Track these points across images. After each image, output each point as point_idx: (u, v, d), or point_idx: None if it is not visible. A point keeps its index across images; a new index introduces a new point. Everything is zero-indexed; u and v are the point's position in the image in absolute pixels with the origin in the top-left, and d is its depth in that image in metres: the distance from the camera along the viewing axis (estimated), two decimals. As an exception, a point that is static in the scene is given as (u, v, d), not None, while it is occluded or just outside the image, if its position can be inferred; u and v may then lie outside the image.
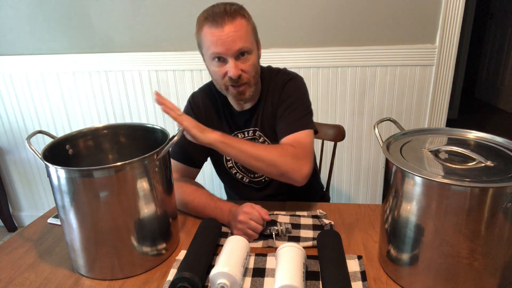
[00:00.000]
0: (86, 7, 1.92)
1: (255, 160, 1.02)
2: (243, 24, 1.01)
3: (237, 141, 1.04)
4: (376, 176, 2.05)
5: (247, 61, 1.04)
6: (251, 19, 1.06)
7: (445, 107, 1.86)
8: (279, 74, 1.18)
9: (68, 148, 0.96)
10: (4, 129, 2.25)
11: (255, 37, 1.08)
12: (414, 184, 0.73)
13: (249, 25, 1.04)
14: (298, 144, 1.06)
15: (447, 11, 1.70)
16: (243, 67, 1.04)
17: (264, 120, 1.16)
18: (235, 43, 1.00)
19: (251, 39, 1.04)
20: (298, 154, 1.04)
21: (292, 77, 1.16)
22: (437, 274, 0.75)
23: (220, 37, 0.99)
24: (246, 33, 1.02)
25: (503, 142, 0.83)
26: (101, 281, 0.87)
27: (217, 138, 1.00)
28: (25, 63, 2.06)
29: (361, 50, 1.81)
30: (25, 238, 1.05)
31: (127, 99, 2.07)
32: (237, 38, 1.00)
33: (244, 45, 1.01)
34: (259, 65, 1.12)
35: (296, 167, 1.02)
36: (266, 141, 1.18)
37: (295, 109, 1.11)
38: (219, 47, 1.00)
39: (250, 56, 1.05)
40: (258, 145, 1.08)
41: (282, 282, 0.75)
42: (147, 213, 0.86)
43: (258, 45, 1.10)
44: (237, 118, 1.19)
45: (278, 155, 1.02)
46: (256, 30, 1.09)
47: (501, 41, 3.94)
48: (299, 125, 1.09)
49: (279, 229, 0.97)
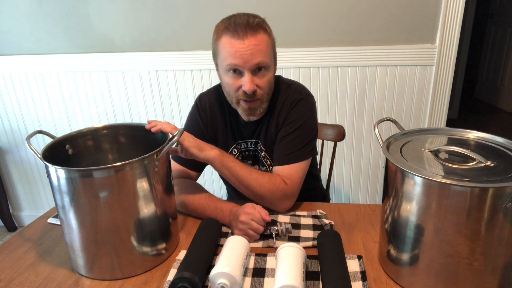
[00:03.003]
0: (86, 7, 1.92)
1: (245, 188, 1.05)
2: (264, 38, 0.99)
3: (233, 163, 1.03)
4: (376, 176, 2.05)
5: (263, 76, 1.02)
6: (272, 34, 1.04)
7: (445, 107, 1.86)
8: (289, 90, 1.14)
9: (68, 148, 0.96)
10: (4, 129, 2.25)
11: (273, 53, 1.06)
12: (414, 184, 0.73)
13: (270, 40, 1.02)
14: (291, 181, 1.06)
15: (447, 11, 1.70)
16: (259, 83, 1.02)
17: (267, 135, 1.15)
18: (254, 56, 0.98)
19: (270, 55, 1.03)
20: (287, 193, 1.06)
21: (302, 98, 1.12)
22: (437, 274, 0.74)
23: (239, 49, 0.97)
24: (266, 48, 1.00)
25: (503, 142, 0.83)
26: (101, 281, 0.87)
27: (214, 157, 1.01)
28: (25, 63, 2.06)
29: (361, 50, 1.81)
30: (25, 238, 1.05)
31: (127, 99, 2.07)
32: (256, 52, 0.98)
33: (263, 60, 1.00)
34: (273, 81, 1.09)
35: (280, 205, 1.07)
36: (266, 156, 1.17)
37: (297, 136, 1.09)
38: (237, 59, 0.98)
39: (267, 72, 1.03)
40: (252, 173, 1.05)
41: (282, 282, 0.75)
42: (147, 213, 0.86)
43: (275, 61, 1.08)
44: (243, 128, 1.18)
45: (268, 191, 1.04)
46: (275, 46, 1.07)
47: (501, 41, 3.94)
48: (297, 156, 1.08)
49: (279, 229, 0.97)
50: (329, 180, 1.58)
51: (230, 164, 1.03)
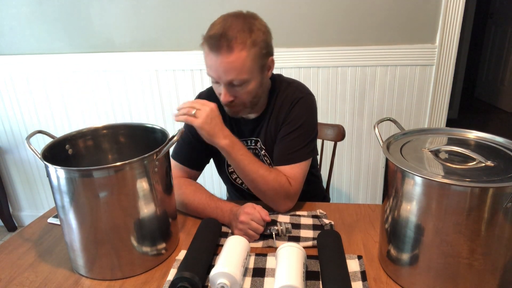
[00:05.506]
0: (86, 7, 1.92)
1: (250, 182, 1.06)
2: (240, 56, 0.94)
3: (242, 156, 1.02)
4: (376, 176, 2.05)
5: (242, 89, 1.01)
6: (256, 44, 0.96)
7: (445, 107, 1.86)
8: (290, 88, 1.12)
9: (67, 148, 0.96)
10: (4, 129, 2.25)
11: (258, 63, 1.00)
12: (414, 184, 0.73)
13: (249, 56, 0.96)
14: (295, 181, 1.06)
15: (447, 11, 1.70)
16: (237, 94, 1.02)
17: (267, 133, 1.14)
18: (227, 74, 0.97)
19: (249, 70, 0.98)
20: (291, 194, 1.07)
21: (302, 97, 1.10)
22: (437, 274, 0.74)
23: (214, 63, 0.97)
24: (241, 66, 0.95)
25: (503, 142, 0.83)
26: (101, 281, 0.87)
27: (223, 147, 0.99)
28: (25, 63, 2.06)
29: (361, 50, 1.81)
30: (25, 238, 1.05)
31: (127, 99, 2.07)
32: (230, 70, 0.96)
33: (237, 77, 0.97)
34: (263, 87, 1.07)
35: (282, 205, 1.07)
36: (266, 155, 1.17)
37: (297, 136, 1.08)
38: (212, 72, 0.99)
39: (246, 85, 1.00)
40: (259, 169, 1.03)
41: (282, 282, 0.75)
42: (146, 213, 0.86)
43: (264, 70, 1.03)
44: (243, 126, 1.18)
45: (272, 189, 1.04)
46: (265, 53, 1.00)
47: (501, 41, 3.94)
48: (299, 156, 1.08)
49: (279, 229, 0.97)
50: (329, 180, 1.58)
51: (239, 157, 1.01)
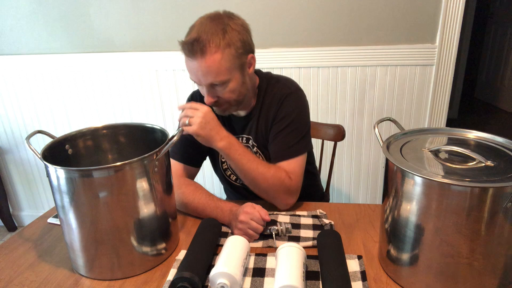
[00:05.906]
0: (86, 7, 1.92)
1: (250, 181, 1.06)
2: (215, 58, 0.95)
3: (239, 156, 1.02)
4: (376, 176, 2.05)
5: (223, 89, 1.01)
6: (232, 44, 0.97)
7: (445, 107, 1.86)
8: (278, 84, 1.13)
9: (67, 148, 0.96)
10: (4, 129, 2.25)
11: (236, 63, 1.00)
12: (414, 184, 0.73)
13: (223, 58, 0.96)
14: (294, 176, 1.07)
15: (447, 11, 1.70)
16: (220, 94, 1.03)
17: (258, 131, 1.15)
18: (205, 77, 0.98)
19: (227, 71, 0.98)
20: (292, 189, 1.07)
21: (291, 92, 1.10)
22: (437, 274, 0.74)
23: (192, 67, 0.99)
24: (217, 68, 0.97)
25: (503, 142, 0.83)
26: (101, 281, 0.87)
27: (220, 149, 1.01)
28: (25, 63, 2.06)
29: (361, 50, 1.81)
30: (25, 238, 1.05)
31: (127, 99, 2.07)
32: (207, 73, 0.97)
33: (215, 79, 0.98)
34: (247, 84, 1.06)
35: (283, 200, 1.07)
36: (258, 152, 1.17)
37: (291, 131, 1.09)
38: (192, 75, 1.01)
39: (226, 85, 1.01)
40: (258, 167, 1.04)
41: (282, 282, 0.75)
42: (146, 213, 0.86)
43: (244, 68, 1.03)
44: (234, 124, 1.18)
45: (272, 185, 1.04)
46: (242, 52, 1.00)
47: (501, 41, 3.94)
48: (295, 151, 1.08)
49: (279, 229, 0.97)
50: (329, 180, 1.58)
51: (237, 157, 1.02)
